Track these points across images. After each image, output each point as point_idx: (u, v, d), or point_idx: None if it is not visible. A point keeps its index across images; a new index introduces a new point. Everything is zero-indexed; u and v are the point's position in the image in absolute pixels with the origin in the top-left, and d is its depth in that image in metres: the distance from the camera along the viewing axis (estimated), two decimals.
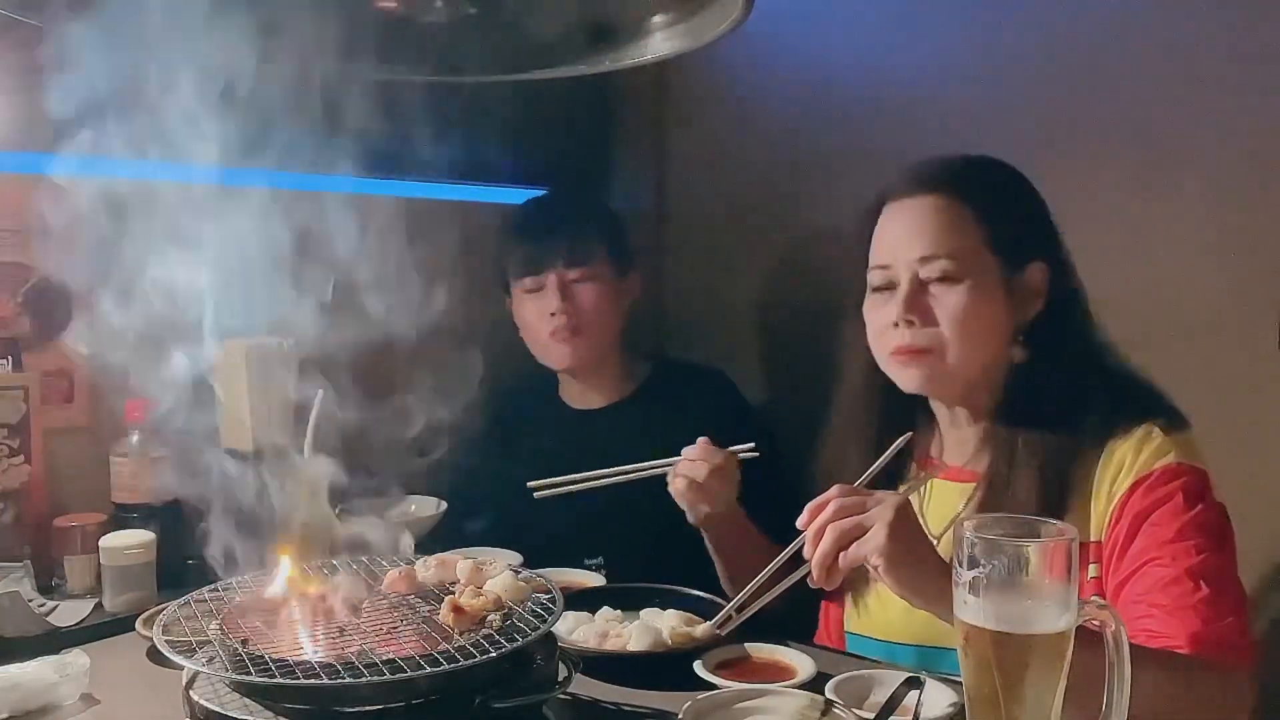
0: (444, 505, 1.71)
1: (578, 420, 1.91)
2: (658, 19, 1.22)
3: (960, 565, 0.90)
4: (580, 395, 1.98)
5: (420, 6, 1.24)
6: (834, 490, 1.17)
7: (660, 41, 1.24)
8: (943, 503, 1.38)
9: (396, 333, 1.62)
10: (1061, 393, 1.30)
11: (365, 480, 1.58)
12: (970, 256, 1.31)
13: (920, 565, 1.11)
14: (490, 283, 2.01)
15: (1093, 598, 0.93)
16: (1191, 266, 1.76)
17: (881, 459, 1.29)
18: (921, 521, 1.40)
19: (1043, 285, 1.34)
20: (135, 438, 1.54)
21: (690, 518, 1.54)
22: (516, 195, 2.43)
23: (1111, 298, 1.82)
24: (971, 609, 0.89)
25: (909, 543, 1.12)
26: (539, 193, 2.11)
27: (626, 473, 1.56)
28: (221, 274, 1.50)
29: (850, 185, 1.47)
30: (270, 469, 1.53)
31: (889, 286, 1.34)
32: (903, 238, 1.34)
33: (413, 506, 1.73)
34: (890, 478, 1.40)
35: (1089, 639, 0.91)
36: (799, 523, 1.17)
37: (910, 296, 1.32)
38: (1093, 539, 1.26)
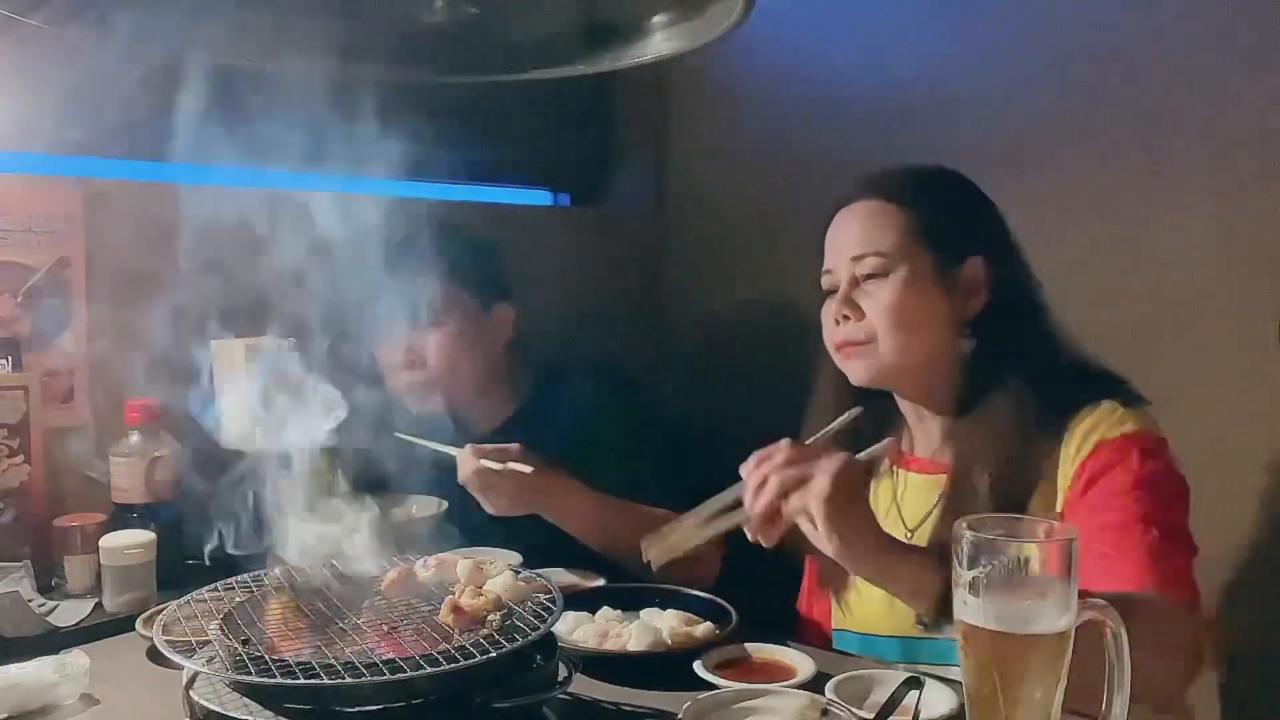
0: (445, 505, 1.71)
1: (483, 440, 1.71)
2: (658, 19, 1.22)
3: (960, 565, 0.90)
4: (476, 419, 1.87)
5: (420, 6, 1.24)
6: (782, 443, 1.16)
7: (660, 41, 1.24)
8: (917, 495, 1.43)
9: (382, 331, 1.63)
10: (1015, 383, 1.33)
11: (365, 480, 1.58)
12: (899, 252, 1.37)
13: (857, 523, 1.12)
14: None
15: (1093, 599, 0.92)
16: (1192, 266, 1.76)
17: (831, 426, 1.31)
18: (897, 514, 1.45)
19: (983, 278, 1.39)
20: (135, 438, 1.55)
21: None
22: (516, 195, 2.44)
23: (1112, 297, 1.83)
24: (971, 609, 0.89)
25: (850, 497, 1.12)
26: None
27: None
28: (218, 273, 1.50)
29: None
30: (269, 468, 1.53)
31: (835, 288, 1.41)
32: (842, 241, 1.42)
33: (414, 507, 1.73)
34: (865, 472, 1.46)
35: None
36: (742, 469, 1.17)
37: (845, 294, 1.39)
38: (1059, 510, 1.30)
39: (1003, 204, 1.53)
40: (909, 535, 1.40)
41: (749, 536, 1.17)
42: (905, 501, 1.45)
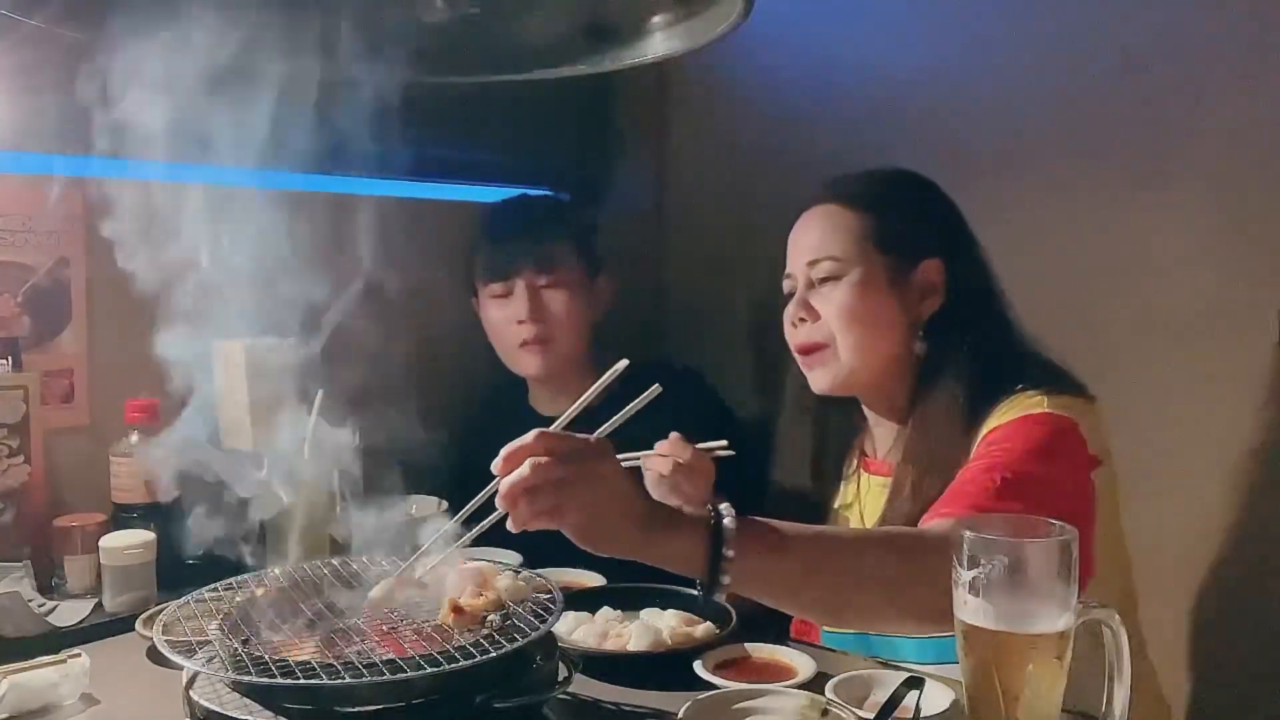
0: (445, 504, 1.71)
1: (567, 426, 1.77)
2: (658, 19, 1.23)
3: (960, 565, 0.90)
4: (550, 402, 1.94)
5: (420, 6, 1.24)
6: (531, 442, 1.03)
7: (660, 41, 1.24)
8: (874, 497, 1.46)
9: (388, 334, 1.63)
10: (954, 382, 1.35)
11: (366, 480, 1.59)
12: (853, 256, 1.40)
13: (615, 539, 1.03)
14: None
15: (1093, 600, 0.93)
16: (1191, 265, 1.76)
17: (617, 417, 1.23)
18: (859, 516, 1.47)
19: (938, 281, 1.40)
20: (135, 438, 1.55)
21: None
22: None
23: (1111, 296, 1.83)
24: (971, 609, 0.89)
25: (604, 526, 1.03)
26: (510, 194, 2.08)
27: None
28: (219, 273, 1.49)
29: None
30: (270, 468, 1.53)
31: (794, 291, 1.45)
32: (799, 245, 1.46)
33: (413, 507, 1.73)
34: (835, 473, 1.54)
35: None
36: (494, 467, 1.04)
37: (801, 296, 1.43)
38: None
39: (1000, 203, 1.53)
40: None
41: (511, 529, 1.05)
42: (865, 504, 1.48)
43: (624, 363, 1.18)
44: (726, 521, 1.04)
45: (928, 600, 0.99)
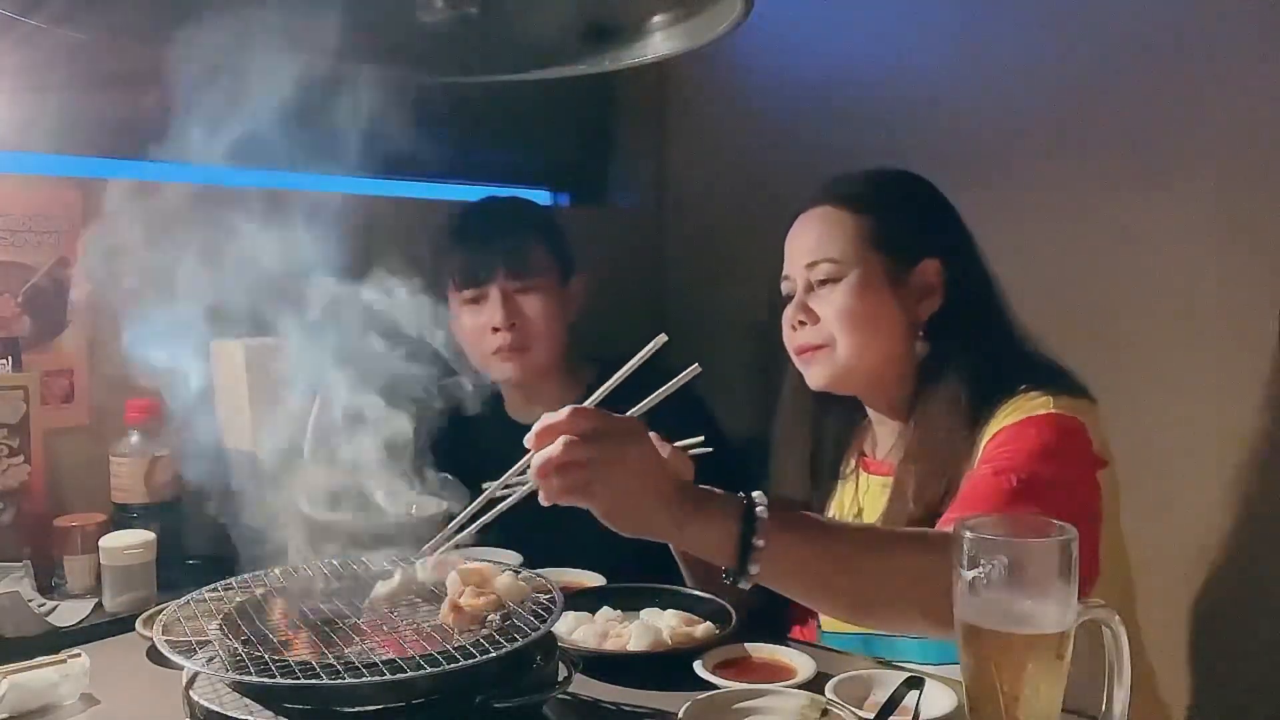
0: (445, 505, 1.70)
1: (524, 434, 1.73)
2: (658, 19, 1.23)
3: (960, 565, 0.90)
4: (524, 408, 1.90)
5: (420, 6, 1.24)
6: (565, 419, 1.02)
7: (660, 41, 1.24)
8: (874, 498, 1.45)
9: (385, 333, 1.63)
10: (955, 381, 1.34)
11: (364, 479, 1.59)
12: (851, 258, 1.39)
13: (646, 520, 1.04)
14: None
15: (1093, 600, 0.93)
16: (1191, 266, 1.76)
17: (648, 400, 1.19)
18: (858, 516, 1.46)
19: (937, 281, 1.40)
20: (135, 438, 1.55)
21: None
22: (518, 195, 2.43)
23: (1111, 296, 1.83)
24: (971, 609, 0.89)
25: (633, 508, 1.03)
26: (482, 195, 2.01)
27: None
28: (219, 274, 1.49)
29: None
30: (270, 468, 1.53)
31: (793, 294, 1.44)
32: (797, 247, 1.45)
33: (413, 507, 1.73)
34: (832, 473, 1.53)
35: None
36: (526, 440, 1.04)
37: (800, 299, 1.43)
38: None
39: (1000, 204, 1.53)
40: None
41: (542, 503, 1.05)
42: (865, 504, 1.47)
43: (663, 337, 1.19)
44: (759, 510, 1.03)
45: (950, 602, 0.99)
